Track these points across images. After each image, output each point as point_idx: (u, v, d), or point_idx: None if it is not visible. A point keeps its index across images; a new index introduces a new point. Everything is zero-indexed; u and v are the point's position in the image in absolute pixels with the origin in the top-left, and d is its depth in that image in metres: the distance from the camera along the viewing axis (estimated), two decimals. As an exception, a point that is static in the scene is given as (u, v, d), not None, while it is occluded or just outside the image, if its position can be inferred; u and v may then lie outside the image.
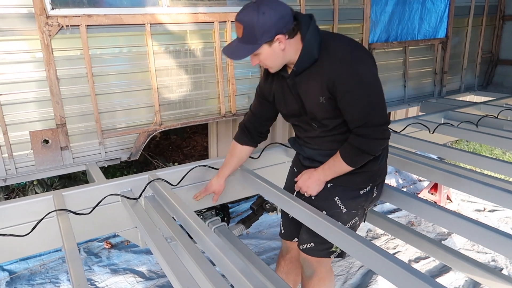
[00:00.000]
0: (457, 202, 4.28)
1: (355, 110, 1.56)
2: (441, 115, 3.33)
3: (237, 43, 1.54)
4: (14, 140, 2.27)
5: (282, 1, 1.51)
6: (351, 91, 1.53)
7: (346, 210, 1.76)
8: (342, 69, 1.52)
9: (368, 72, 1.54)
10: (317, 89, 1.58)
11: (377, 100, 1.57)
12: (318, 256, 1.82)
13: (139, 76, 2.56)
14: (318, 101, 1.60)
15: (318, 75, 1.57)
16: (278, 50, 1.53)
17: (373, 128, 1.56)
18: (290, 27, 1.50)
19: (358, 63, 1.53)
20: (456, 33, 4.20)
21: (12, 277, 3.09)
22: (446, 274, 3.03)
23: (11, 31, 2.15)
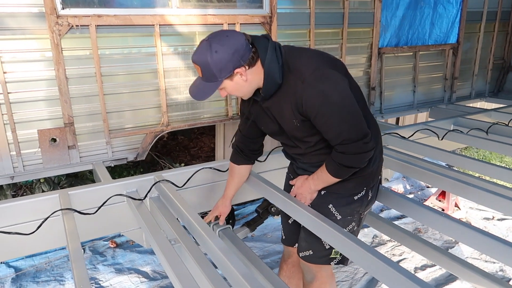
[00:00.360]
0: (465, 209, 4.22)
1: (330, 130, 1.54)
2: (451, 121, 3.29)
3: (200, 82, 1.53)
4: (22, 138, 2.29)
5: (235, 33, 1.48)
6: (321, 112, 1.49)
7: (341, 216, 1.75)
8: (307, 91, 1.48)
9: (334, 90, 1.48)
10: (289, 113, 1.57)
11: (349, 117, 1.52)
12: (318, 263, 1.82)
13: (147, 76, 2.57)
14: (293, 124, 1.59)
15: (287, 98, 1.55)
16: (241, 82, 1.52)
17: (351, 144, 1.53)
18: (248, 57, 1.47)
19: (322, 82, 1.47)
20: (467, 39, 4.15)
21: (18, 274, 3.12)
22: (453, 283, 2.99)
23: (21, 30, 2.17)
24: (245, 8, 2.80)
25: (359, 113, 1.54)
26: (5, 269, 3.16)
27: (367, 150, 1.56)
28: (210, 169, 2.24)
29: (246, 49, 1.46)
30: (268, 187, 1.96)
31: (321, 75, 1.48)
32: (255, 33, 2.83)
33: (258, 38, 1.52)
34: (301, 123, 1.57)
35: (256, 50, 1.49)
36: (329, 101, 1.47)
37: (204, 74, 1.49)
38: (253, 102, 1.70)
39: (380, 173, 1.84)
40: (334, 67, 1.54)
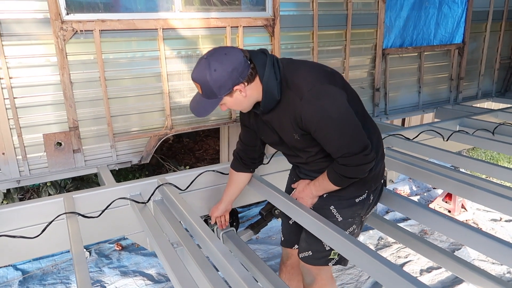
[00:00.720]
0: (472, 211, 4.19)
1: (330, 144, 1.55)
2: (456, 122, 3.26)
3: (200, 98, 1.55)
4: (28, 143, 2.32)
5: (233, 50, 1.49)
6: (321, 128, 1.51)
7: (342, 218, 1.75)
8: (306, 107, 1.49)
9: (332, 106, 1.49)
10: (289, 127, 1.59)
11: (349, 130, 1.53)
12: (316, 264, 1.82)
13: (151, 80, 2.59)
14: (293, 137, 1.61)
15: (286, 113, 1.57)
16: (241, 98, 1.54)
17: (352, 157, 1.54)
18: (247, 73, 1.49)
19: (320, 98, 1.48)
20: (473, 38, 4.12)
21: (24, 276, 3.15)
22: (459, 286, 2.96)
23: (27, 36, 2.20)
24: (248, 11, 2.81)
25: (358, 126, 1.55)
26: (13, 271, 3.20)
27: (368, 162, 1.57)
28: (213, 172, 2.24)
29: (245, 65, 1.48)
30: (271, 189, 1.96)
31: (319, 91, 1.49)
32: (259, 36, 2.86)
33: (256, 54, 1.54)
34: (301, 137, 1.60)
35: (254, 66, 1.51)
36: (328, 116, 1.49)
37: (204, 91, 1.51)
38: (253, 114, 1.72)
39: (382, 177, 1.84)
40: (332, 81, 1.56)
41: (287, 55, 3.04)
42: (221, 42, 2.77)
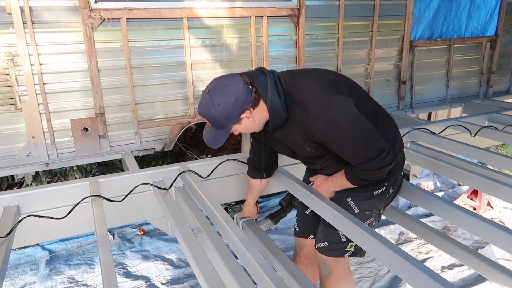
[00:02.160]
0: (498, 209, 4.07)
1: (346, 154, 1.55)
2: (485, 117, 3.16)
3: (212, 129, 1.57)
4: (56, 127, 2.40)
5: (233, 80, 1.48)
6: (333, 140, 1.50)
7: (359, 210, 1.74)
8: (315, 123, 1.48)
9: (341, 116, 1.47)
10: (300, 141, 1.59)
11: (363, 137, 1.51)
12: (332, 255, 1.82)
13: (175, 68, 2.62)
14: (306, 150, 1.62)
15: (296, 129, 1.57)
16: (249, 123, 1.56)
17: (370, 162, 1.52)
18: (250, 100, 1.49)
19: (327, 111, 1.47)
20: (507, 31, 3.96)
21: (51, 256, 3.28)
22: (481, 284, 2.90)
23: (57, 23, 2.26)
24: (272, 0, 2.78)
25: (372, 130, 1.52)
26: (40, 251, 3.33)
27: (387, 164, 1.55)
28: (234, 161, 2.26)
29: (247, 92, 1.49)
30: (291, 180, 1.97)
31: (324, 104, 1.48)
32: (283, 26, 2.84)
33: (256, 77, 1.53)
34: (315, 149, 1.61)
35: (256, 90, 1.51)
36: (338, 128, 1.47)
37: (212, 124, 1.53)
38: (264, 130, 1.70)
39: (402, 168, 1.81)
40: (336, 90, 1.53)
41: (311, 46, 3.03)
42: (246, 32, 2.76)
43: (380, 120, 1.63)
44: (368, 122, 1.52)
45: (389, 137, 1.63)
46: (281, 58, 2.94)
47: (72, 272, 3.08)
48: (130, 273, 3.07)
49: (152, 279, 3.00)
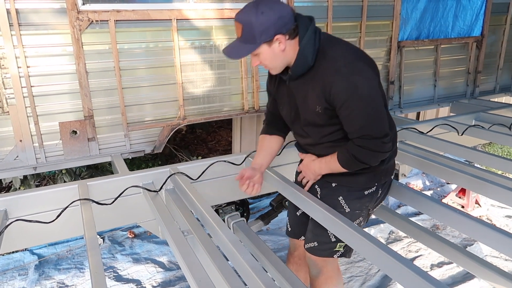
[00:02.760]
0: (486, 207, 4.13)
1: (352, 123, 1.53)
2: (472, 116, 3.20)
3: (237, 43, 1.53)
4: (44, 130, 2.37)
5: (283, 1, 1.49)
6: (348, 104, 1.49)
7: (350, 210, 1.75)
8: (338, 80, 1.47)
9: (365, 84, 1.48)
10: (314, 98, 1.56)
11: (375, 113, 1.52)
12: (321, 255, 1.83)
13: (164, 70, 2.61)
14: (314, 109, 1.58)
15: (315, 83, 1.54)
16: (278, 51, 1.51)
17: (371, 140, 1.53)
18: (290, 27, 1.47)
19: (355, 74, 1.47)
20: (492, 31, 4.02)
21: (40, 260, 3.24)
22: (470, 281, 2.94)
23: (44, 26, 2.24)
24: (262, 1, 2.79)
25: (384, 112, 1.56)
26: (29, 256, 3.29)
27: (384, 151, 1.57)
28: (224, 162, 2.26)
29: (290, 19, 1.47)
30: (282, 181, 1.97)
31: (355, 68, 1.48)
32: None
33: (301, 16, 1.53)
34: (323, 111, 1.57)
35: (297, 26, 1.49)
36: (358, 94, 1.47)
37: (244, 34, 1.48)
38: (279, 81, 1.70)
39: (392, 172, 1.85)
40: (368, 64, 1.55)
41: (300, 47, 3.03)
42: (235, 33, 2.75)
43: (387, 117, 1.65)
44: (383, 104, 1.55)
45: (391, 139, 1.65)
46: (270, 59, 2.94)
47: (61, 277, 3.05)
48: (120, 277, 3.05)
49: (143, 282, 2.98)
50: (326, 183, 1.82)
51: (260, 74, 2.91)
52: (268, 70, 1.67)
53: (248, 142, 3.55)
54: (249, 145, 3.54)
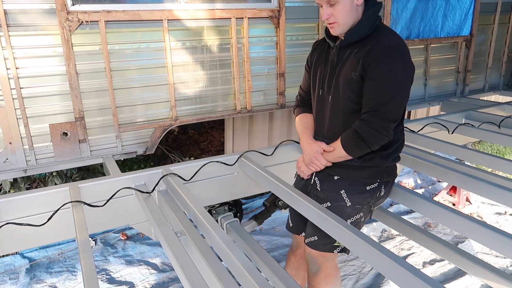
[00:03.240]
0: (477, 204, 4.18)
1: (374, 95, 1.60)
2: (462, 115, 3.24)
3: None
4: (34, 132, 2.34)
5: None
6: (380, 77, 1.58)
7: (351, 204, 1.78)
8: (383, 55, 1.57)
9: (402, 70, 1.59)
10: (353, 64, 1.64)
11: (398, 98, 1.60)
12: (322, 250, 1.83)
13: (156, 71, 2.60)
14: (350, 75, 1.66)
15: (361, 52, 1.62)
16: (354, 6, 1.61)
17: (380, 119, 1.59)
18: None
19: (399, 57, 1.58)
20: (481, 31, 4.07)
21: (31, 264, 3.20)
22: (461, 278, 2.97)
23: (33, 26, 2.21)
24: (253, 2, 2.79)
25: (404, 103, 1.64)
26: (20, 259, 3.25)
27: (385, 135, 1.62)
28: (217, 162, 2.25)
29: None
30: (275, 181, 1.97)
31: (401, 53, 1.60)
32: (264, 27, 2.85)
33: None
34: (357, 78, 1.63)
35: None
36: (393, 74, 1.57)
37: None
38: (320, 51, 1.82)
39: (395, 174, 1.89)
40: (411, 62, 1.65)
41: (292, 47, 3.04)
42: (226, 33, 2.76)
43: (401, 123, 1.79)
44: (407, 97, 1.65)
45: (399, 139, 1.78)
46: (262, 59, 2.95)
47: (53, 280, 3.02)
48: (113, 279, 3.02)
49: (136, 284, 2.96)
50: (327, 176, 1.83)
51: (252, 74, 2.92)
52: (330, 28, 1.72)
53: (241, 142, 3.54)
54: (241, 145, 3.54)
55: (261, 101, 3.02)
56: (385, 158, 1.75)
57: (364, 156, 1.73)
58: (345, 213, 1.77)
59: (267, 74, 3.00)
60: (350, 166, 1.75)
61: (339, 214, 1.70)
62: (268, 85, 3.02)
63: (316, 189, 1.88)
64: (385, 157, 1.74)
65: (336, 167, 1.79)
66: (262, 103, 3.03)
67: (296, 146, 2.49)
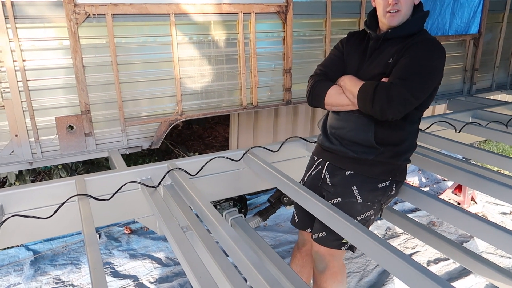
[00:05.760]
0: (482, 204, 4.15)
1: (403, 69, 1.63)
2: (469, 114, 3.22)
3: None
4: (40, 125, 2.34)
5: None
6: (414, 57, 1.62)
7: (362, 200, 1.77)
8: (422, 44, 1.66)
9: (439, 58, 1.66)
10: (392, 52, 1.70)
11: (428, 78, 1.63)
12: (330, 246, 1.83)
13: (162, 65, 2.59)
14: (387, 60, 1.70)
15: (402, 45, 1.69)
16: (413, 3, 1.69)
17: (403, 87, 1.59)
18: None
19: (437, 50, 1.66)
20: (489, 29, 4.03)
21: (36, 256, 3.22)
22: (466, 277, 2.95)
23: (40, 19, 2.21)
24: (260, -3, 2.77)
25: (430, 86, 1.68)
26: (24, 252, 3.27)
27: (397, 109, 1.61)
28: (223, 158, 2.25)
29: None
30: (280, 177, 1.96)
31: (440, 48, 1.68)
32: (271, 23, 2.84)
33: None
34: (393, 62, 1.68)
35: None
36: (429, 57, 1.63)
37: None
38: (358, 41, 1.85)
39: (405, 174, 1.90)
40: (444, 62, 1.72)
41: (299, 43, 3.03)
42: (233, 28, 2.75)
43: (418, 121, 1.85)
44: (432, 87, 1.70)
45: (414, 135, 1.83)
46: (269, 55, 2.93)
47: (57, 273, 3.03)
48: (117, 273, 3.03)
49: (140, 278, 2.97)
50: (339, 170, 1.83)
51: (259, 70, 2.90)
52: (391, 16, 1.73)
53: (246, 138, 3.54)
54: (246, 141, 3.53)
55: (267, 97, 3.01)
56: (397, 155, 1.75)
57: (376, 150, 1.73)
58: (356, 210, 1.76)
59: (274, 70, 2.99)
60: (364, 161, 1.75)
61: (350, 211, 1.69)
62: (274, 81, 3.00)
63: (326, 183, 1.87)
64: (396, 154, 1.75)
65: (349, 161, 1.79)
66: (268, 99, 3.02)
67: (302, 143, 2.48)
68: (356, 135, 1.75)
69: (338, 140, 1.82)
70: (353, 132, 1.76)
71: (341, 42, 1.94)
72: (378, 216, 1.90)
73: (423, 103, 1.73)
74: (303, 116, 3.68)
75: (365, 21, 1.84)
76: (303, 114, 3.69)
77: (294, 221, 2.11)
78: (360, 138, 1.74)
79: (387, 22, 1.70)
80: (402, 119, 1.68)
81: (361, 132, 1.74)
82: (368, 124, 1.72)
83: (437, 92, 1.83)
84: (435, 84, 1.70)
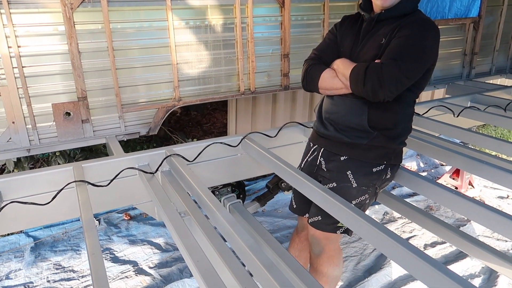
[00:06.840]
0: (479, 188, 4.18)
1: (397, 48, 1.60)
2: (468, 98, 3.21)
3: None
4: (37, 112, 2.33)
5: None
6: (408, 36, 1.60)
7: (357, 185, 1.77)
8: (416, 23, 1.63)
9: (433, 37, 1.63)
10: (385, 32, 1.67)
11: (422, 57, 1.61)
12: (325, 230, 1.84)
13: (159, 51, 2.56)
14: (379, 42, 1.68)
15: (395, 23, 1.66)
16: None
17: (395, 67, 1.56)
18: None
19: (432, 29, 1.63)
20: (489, 12, 3.98)
21: (36, 242, 3.24)
22: (462, 260, 2.99)
23: (34, 4, 2.18)
24: (258, -20, 2.73)
25: (425, 65, 1.65)
26: (25, 238, 3.29)
27: (389, 89, 1.58)
28: (221, 144, 2.24)
29: None
30: (278, 162, 1.97)
31: (435, 28, 1.64)
32: (269, 7, 2.80)
33: None
34: (386, 42, 1.66)
35: None
36: (422, 36, 1.61)
37: None
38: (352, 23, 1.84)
39: (401, 158, 1.89)
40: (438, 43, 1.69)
41: (297, 27, 2.99)
42: (230, 12, 2.71)
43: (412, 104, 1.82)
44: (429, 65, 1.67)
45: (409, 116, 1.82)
46: (266, 39, 2.91)
47: (58, 258, 3.06)
48: (117, 258, 3.06)
49: (140, 263, 3.00)
50: (334, 156, 1.83)
51: (256, 55, 2.88)
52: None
53: (244, 124, 3.53)
54: (244, 127, 3.53)
55: (265, 82, 2.99)
56: (391, 139, 1.74)
57: (370, 134, 1.72)
58: (351, 194, 1.77)
59: (271, 55, 2.96)
60: (358, 145, 1.75)
61: (345, 195, 1.70)
62: (272, 66, 2.98)
63: (321, 169, 1.87)
64: (391, 137, 1.74)
65: (343, 147, 1.79)
66: (265, 84, 3.00)
67: (300, 128, 2.48)
68: (350, 120, 1.75)
69: (332, 126, 1.81)
70: (347, 117, 1.75)
71: (335, 26, 1.92)
72: (373, 200, 1.91)
73: (417, 84, 1.70)
74: (301, 101, 3.67)
75: (360, 3, 1.81)
76: (301, 100, 3.67)
77: (292, 207, 2.12)
78: (354, 122, 1.74)
79: (380, 3, 1.68)
80: (396, 102, 1.67)
81: (355, 116, 1.73)
82: (362, 108, 1.71)
83: (432, 75, 1.80)
84: (428, 64, 1.67)
